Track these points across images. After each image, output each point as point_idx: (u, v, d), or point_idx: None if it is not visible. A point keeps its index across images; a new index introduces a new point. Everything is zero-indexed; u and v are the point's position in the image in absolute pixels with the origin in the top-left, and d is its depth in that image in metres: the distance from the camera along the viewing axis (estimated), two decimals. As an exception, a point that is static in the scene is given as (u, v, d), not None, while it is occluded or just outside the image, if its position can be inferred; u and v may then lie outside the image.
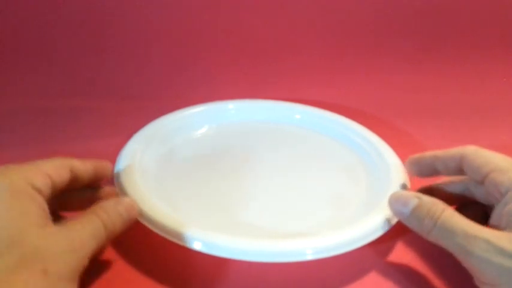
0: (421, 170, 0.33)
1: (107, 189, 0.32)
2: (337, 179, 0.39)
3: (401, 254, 0.32)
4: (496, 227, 0.27)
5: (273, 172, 0.40)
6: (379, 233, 0.31)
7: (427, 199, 0.28)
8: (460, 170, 0.31)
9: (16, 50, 0.53)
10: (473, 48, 0.58)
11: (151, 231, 0.30)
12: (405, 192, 0.31)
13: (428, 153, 0.32)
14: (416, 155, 0.33)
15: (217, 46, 0.56)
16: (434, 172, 0.32)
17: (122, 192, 0.33)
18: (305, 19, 0.56)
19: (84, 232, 0.25)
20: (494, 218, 0.28)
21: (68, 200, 0.30)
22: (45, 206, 0.25)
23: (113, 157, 0.39)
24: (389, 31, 0.58)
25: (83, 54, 0.54)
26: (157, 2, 0.53)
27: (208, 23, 0.55)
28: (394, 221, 0.32)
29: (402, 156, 0.39)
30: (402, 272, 0.31)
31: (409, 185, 0.35)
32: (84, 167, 0.29)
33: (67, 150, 0.42)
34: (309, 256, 0.28)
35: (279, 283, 0.30)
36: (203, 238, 0.29)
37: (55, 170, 0.27)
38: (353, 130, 0.43)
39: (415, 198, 0.29)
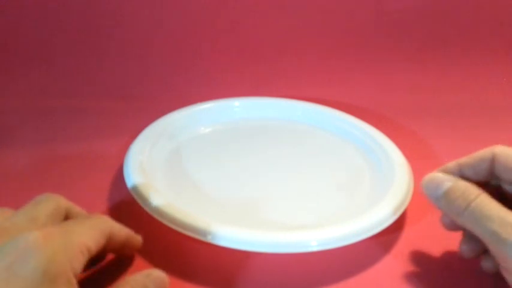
0: None
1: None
2: (343, 174, 0.40)
3: (406, 246, 0.33)
4: None
5: (280, 168, 0.41)
6: (383, 226, 0.32)
7: (462, 182, 0.28)
8: (490, 173, 0.29)
9: (17, 50, 0.53)
10: (474, 49, 0.59)
11: (163, 226, 0.31)
12: (439, 174, 0.29)
13: (450, 164, 0.30)
14: (435, 171, 0.30)
15: (218, 47, 0.56)
16: None
17: (133, 190, 0.34)
18: (306, 20, 0.57)
19: None
20: None
21: None
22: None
23: (114, 157, 0.40)
24: (390, 31, 0.58)
25: (84, 54, 0.54)
26: (159, 2, 0.54)
27: (209, 24, 0.55)
28: (398, 214, 0.33)
29: (405, 152, 0.40)
30: (406, 264, 0.31)
31: (412, 181, 0.36)
32: (119, 233, 0.28)
33: (68, 151, 0.43)
34: (315, 247, 0.29)
35: (287, 274, 0.31)
36: (214, 231, 0.30)
37: (95, 240, 0.25)
38: (358, 127, 0.44)
39: (449, 181, 0.28)
